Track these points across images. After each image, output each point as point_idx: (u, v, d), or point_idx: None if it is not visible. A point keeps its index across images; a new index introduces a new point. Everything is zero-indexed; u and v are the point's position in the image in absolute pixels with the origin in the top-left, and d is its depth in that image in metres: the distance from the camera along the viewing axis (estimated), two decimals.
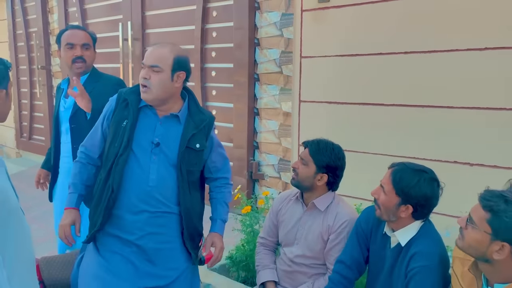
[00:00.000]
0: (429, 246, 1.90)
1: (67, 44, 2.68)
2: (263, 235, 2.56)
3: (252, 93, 4.28)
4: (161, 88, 2.02)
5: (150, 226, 2.09)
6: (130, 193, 2.06)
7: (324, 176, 2.29)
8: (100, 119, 2.18)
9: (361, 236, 2.15)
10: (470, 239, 1.62)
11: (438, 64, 3.10)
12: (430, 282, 1.84)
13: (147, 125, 2.09)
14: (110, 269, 2.08)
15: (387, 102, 3.36)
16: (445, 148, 3.10)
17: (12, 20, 7.70)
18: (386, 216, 1.98)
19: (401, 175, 1.93)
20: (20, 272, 1.51)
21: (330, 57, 3.65)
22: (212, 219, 2.28)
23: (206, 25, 4.64)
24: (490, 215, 1.56)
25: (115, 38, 5.65)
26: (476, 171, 2.97)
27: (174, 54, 2.05)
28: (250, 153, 4.34)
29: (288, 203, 2.46)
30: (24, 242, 1.54)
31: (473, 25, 2.94)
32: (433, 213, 2.01)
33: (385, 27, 3.32)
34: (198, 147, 2.11)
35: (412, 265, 1.89)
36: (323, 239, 2.30)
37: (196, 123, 2.11)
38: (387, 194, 1.95)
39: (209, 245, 2.22)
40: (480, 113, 2.95)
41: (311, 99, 3.82)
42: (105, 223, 2.08)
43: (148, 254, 2.11)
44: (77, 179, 2.19)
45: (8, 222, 1.45)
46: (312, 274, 2.34)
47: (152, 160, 2.06)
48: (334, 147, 2.31)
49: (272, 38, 4.09)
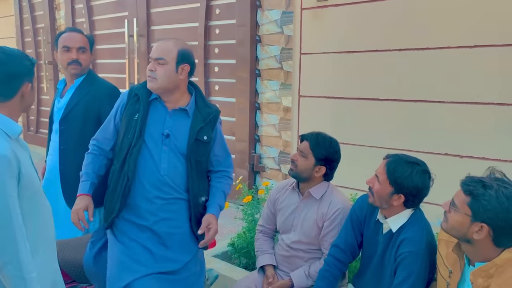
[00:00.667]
0: (417, 233, 2.01)
1: (63, 47, 2.70)
2: (262, 223, 2.68)
3: (254, 88, 4.40)
4: (166, 79, 2.16)
5: (163, 212, 2.23)
6: (143, 181, 2.20)
7: (322, 168, 2.40)
8: (112, 113, 2.30)
9: (355, 222, 2.25)
10: (452, 221, 1.73)
11: (430, 61, 3.22)
12: (417, 266, 1.95)
13: (157, 117, 2.23)
14: (129, 255, 2.21)
15: (382, 97, 3.48)
16: (437, 140, 3.22)
17: (19, 16, 7.80)
18: (379, 203, 2.08)
19: (395, 166, 2.02)
20: (44, 248, 1.67)
21: (329, 54, 3.76)
22: (209, 203, 2.34)
23: (210, 22, 4.74)
24: (470, 198, 1.67)
25: (121, 35, 5.76)
26: (465, 163, 3.10)
27: (178, 47, 2.19)
28: (252, 146, 4.47)
29: (285, 192, 2.57)
30: (46, 220, 1.69)
31: (464, 23, 3.06)
32: (424, 203, 2.12)
33: (381, 25, 3.44)
34: (206, 139, 2.25)
35: (401, 251, 1.99)
36: (318, 226, 2.42)
37: (204, 116, 2.25)
38: (381, 183, 2.04)
39: (204, 225, 2.24)
40: (469, 107, 3.08)
41: (310, 94, 3.94)
42: (122, 209, 2.21)
43: (162, 238, 2.24)
44: (89, 168, 2.28)
45: (33, 201, 1.61)
46: (308, 258, 2.47)
47: (163, 150, 2.20)
48: (332, 141, 2.42)
49: (273, 35, 4.20)
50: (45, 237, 1.69)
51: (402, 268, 1.98)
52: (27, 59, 1.67)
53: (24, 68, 1.64)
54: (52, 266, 1.74)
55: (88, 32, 6.39)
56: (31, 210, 1.60)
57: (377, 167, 2.12)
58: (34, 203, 1.62)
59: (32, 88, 1.69)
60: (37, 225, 1.64)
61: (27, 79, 1.66)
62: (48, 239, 1.71)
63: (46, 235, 1.69)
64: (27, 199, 1.59)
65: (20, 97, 1.64)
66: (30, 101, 1.73)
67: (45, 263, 1.67)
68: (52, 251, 1.74)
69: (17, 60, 1.62)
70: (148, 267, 2.21)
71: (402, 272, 1.97)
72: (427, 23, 3.22)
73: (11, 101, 1.62)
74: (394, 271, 2.04)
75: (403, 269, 1.97)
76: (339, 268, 2.27)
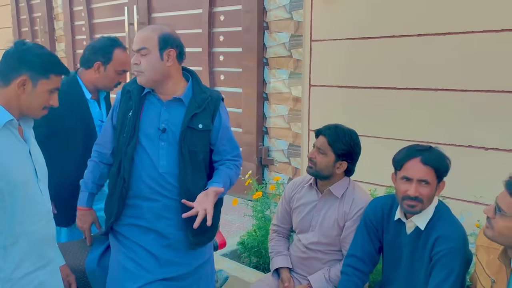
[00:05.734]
0: (452, 228, 1.90)
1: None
2: (276, 222, 2.53)
3: (261, 78, 4.25)
4: (152, 69, 1.99)
5: (167, 211, 2.07)
6: (142, 180, 2.05)
7: (343, 164, 2.25)
8: (110, 114, 2.18)
9: (370, 228, 2.12)
10: (500, 228, 1.59)
11: (452, 47, 3.05)
12: (458, 262, 1.84)
13: (152, 112, 2.06)
14: (132, 258, 2.08)
15: (400, 86, 3.31)
16: (459, 132, 3.06)
17: (15, 5, 7.65)
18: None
19: None
20: (26, 244, 1.60)
21: (341, 40, 3.59)
22: (212, 181, 2.08)
23: (214, 9, 4.59)
24: None
25: (120, 23, 5.61)
26: (491, 156, 2.93)
27: (158, 33, 2.00)
28: (259, 139, 4.33)
29: (302, 190, 2.42)
30: (30, 216, 1.61)
31: (489, 6, 2.87)
32: (448, 198, 2.04)
33: (399, 9, 3.26)
34: (201, 127, 2.06)
35: (438, 248, 1.87)
36: (339, 225, 2.27)
37: (198, 103, 2.07)
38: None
39: (199, 199, 1.96)
40: (495, 96, 2.90)
41: (321, 84, 3.77)
42: (121, 213, 2.08)
43: (168, 239, 2.09)
44: (89, 177, 2.18)
45: (11, 193, 1.54)
46: (327, 260, 2.32)
47: (161, 146, 2.04)
48: (351, 133, 2.26)
49: (282, 21, 4.03)
50: (27, 235, 1.60)
51: (441, 267, 1.85)
52: (47, 57, 1.63)
53: (29, 62, 1.58)
54: (43, 266, 1.66)
55: (86, 21, 6.24)
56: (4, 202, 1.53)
57: None
58: (11, 195, 1.54)
59: (25, 87, 1.59)
60: (17, 221, 1.56)
61: (28, 73, 1.58)
62: (35, 234, 1.62)
63: (28, 233, 1.60)
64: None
65: (15, 89, 1.57)
66: (33, 103, 1.62)
67: (26, 259, 1.60)
68: (36, 249, 1.64)
69: (29, 53, 1.60)
70: (152, 273, 2.06)
71: (441, 270, 1.85)
72: (450, 6, 3.03)
73: (6, 89, 1.58)
74: (429, 272, 1.90)
75: (443, 267, 1.85)
76: (359, 277, 2.12)
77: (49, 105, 1.67)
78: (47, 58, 1.64)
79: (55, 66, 1.65)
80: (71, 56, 6.65)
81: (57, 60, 1.68)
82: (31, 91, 1.60)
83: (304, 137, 3.94)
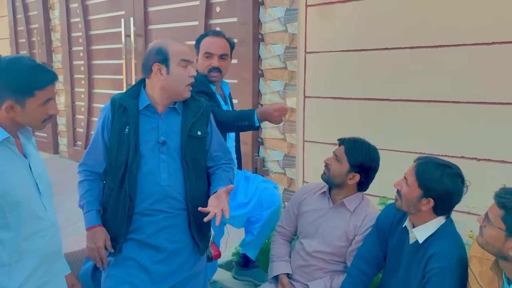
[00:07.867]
0: (448, 246, 1.88)
1: (205, 52, 2.67)
2: (282, 223, 2.54)
3: (256, 89, 4.26)
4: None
5: (165, 225, 2.08)
6: (144, 196, 2.04)
7: (356, 176, 2.27)
8: (98, 131, 2.11)
9: (381, 232, 2.14)
10: (487, 236, 1.62)
11: (444, 59, 3.07)
12: (448, 283, 1.82)
13: (150, 126, 2.06)
14: (127, 280, 2.07)
15: (393, 98, 3.33)
16: (451, 143, 3.07)
17: (13, 16, 7.67)
18: (407, 207, 1.96)
19: (425, 168, 1.92)
20: (32, 261, 1.58)
21: (335, 52, 3.62)
22: (217, 184, 2.12)
23: (210, 21, 4.61)
24: (503, 212, 1.56)
25: (117, 34, 5.63)
26: (483, 166, 2.95)
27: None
28: (255, 149, 4.34)
29: (313, 195, 2.43)
30: (34, 233, 1.59)
31: (479, 19, 2.90)
32: None
33: (391, 22, 3.29)
34: (200, 134, 2.10)
35: (431, 266, 1.86)
36: (348, 238, 2.28)
37: (194, 111, 2.11)
38: (410, 186, 1.93)
39: (211, 203, 1.99)
40: (486, 108, 2.92)
41: (316, 95, 3.79)
42: (129, 232, 2.06)
43: (164, 252, 2.09)
44: (89, 196, 2.10)
45: (13, 210, 1.53)
46: (329, 270, 2.31)
47: (161, 159, 2.05)
48: (370, 148, 2.29)
49: (277, 34, 4.06)
50: (31, 251, 1.58)
51: (432, 285, 1.84)
52: (25, 76, 1.53)
53: (8, 87, 1.52)
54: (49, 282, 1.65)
55: (83, 32, 6.26)
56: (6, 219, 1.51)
57: (389, 171, 2.04)
58: (13, 212, 1.52)
59: (14, 110, 1.55)
60: (21, 236, 1.55)
61: (11, 98, 1.53)
62: (36, 253, 1.60)
63: (33, 249, 1.58)
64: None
65: (5, 114, 1.54)
66: (30, 120, 1.59)
67: (32, 276, 1.58)
68: (45, 264, 1.63)
69: (6, 76, 1.52)
70: None
71: None
72: (441, 19, 3.06)
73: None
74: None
75: (434, 286, 1.84)
76: (362, 280, 2.14)
77: (48, 115, 1.61)
78: (25, 77, 1.52)
79: (36, 82, 1.53)
80: (68, 67, 6.67)
81: (36, 73, 1.54)
82: (22, 111, 1.55)
83: (299, 148, 3.95)
